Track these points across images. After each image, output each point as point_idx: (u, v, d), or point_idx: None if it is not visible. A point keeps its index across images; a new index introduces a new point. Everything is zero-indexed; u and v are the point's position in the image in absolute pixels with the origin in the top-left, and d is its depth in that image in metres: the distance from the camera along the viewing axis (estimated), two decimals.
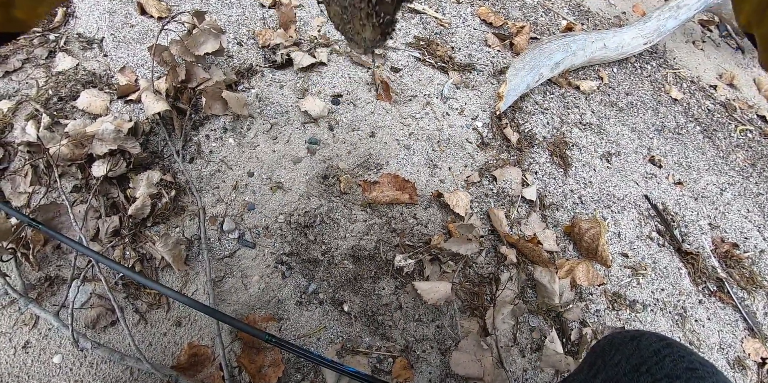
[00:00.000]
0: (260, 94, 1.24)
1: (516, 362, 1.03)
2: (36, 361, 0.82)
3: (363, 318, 1.00)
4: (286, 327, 0.96)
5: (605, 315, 1.17)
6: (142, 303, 0.91)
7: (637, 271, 1.28)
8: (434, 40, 1.61)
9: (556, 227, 1.29)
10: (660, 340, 0.60)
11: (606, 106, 1.73)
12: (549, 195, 1.35)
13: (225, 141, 1.14)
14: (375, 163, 1.21)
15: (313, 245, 1.05)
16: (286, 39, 1.37)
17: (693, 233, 1.46)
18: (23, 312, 0.85)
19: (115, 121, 1.03)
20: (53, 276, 0.90)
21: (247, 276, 0.99)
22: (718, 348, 1.24)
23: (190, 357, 0.87)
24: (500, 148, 1.39)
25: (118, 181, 1.01)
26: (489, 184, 1.29)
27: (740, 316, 1.33)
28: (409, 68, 1.46)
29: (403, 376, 0.96)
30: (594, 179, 1.45)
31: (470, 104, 1.44)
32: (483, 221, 1.21)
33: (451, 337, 1.02)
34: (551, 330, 1.09)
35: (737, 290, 1.38)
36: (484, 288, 1.10)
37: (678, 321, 1.24)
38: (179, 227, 1.01)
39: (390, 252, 1.09)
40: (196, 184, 1.06)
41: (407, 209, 1.16)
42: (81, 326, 0.86)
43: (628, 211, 1.42)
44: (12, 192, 0.94)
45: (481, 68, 1.59)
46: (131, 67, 1.20)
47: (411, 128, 1.31)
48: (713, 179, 1.68)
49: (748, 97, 2.18)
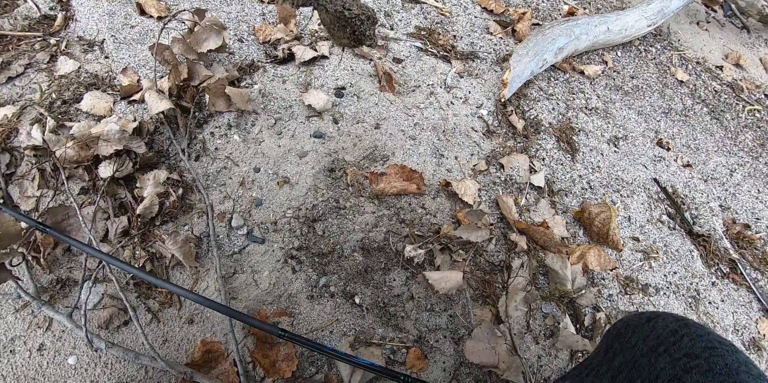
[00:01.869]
0: (263, 89, 1.21)
1: (530, 349, 1.01)
2: (51, 363, 0.81)
3: (375, 309, 0.98)
4: (299, 321, 0.94)
5: (618, 299, 1.14)
6: (154, 303, 0.89)
7: (648, 255, 1.25)
8: (436, 29, 1.56)
9: (566, 213, 1.25)
10: (677, 320, 0.57)
11: (611, 90, 1.68)
12: (557, 181, 1.31)
13: (230, 137, 1.11)
14: (381, 155, 1.18)
15: (323, 239, 1.03)
16: (286, 33, 1.34)
17: (704, 215, 1.42)
18: (36, 314, 0.83)
19: (119, 122, 1.01)
20: (65, 278, 0.88)
21: (257, 271, 0.97)
22: (732, 330, 1.21)
23: (204, 353, 0.86)
24: (506, 135, 1.35)
25: (125, 182, 0.99)
26: (496, 171, 1.26)
27: (754, 297, 1.29)
28: (412, 58, 1.42)
29: (418, 366, 0.94)
30: (602, 164, 1.41)
31: (474, 92, 1.40)
32: (492, 209, 1.18)
33: (464, 326, 1.00)
34: (564, 316, 1.06)
35: (750, 271, 1.34)
36: (495, 276, 1.08)
37: (691, 303, 1.21)
38: (188, 225, 0.99)
39: (400, 243, 1.06)
40: (203, 182, 1.04)
41: (415, 199, 1.13)
42: (94, 327, 0.85)
43: (637, 195, 1.38)
44: (20, 196, 0.93)
45: (484, 56, 1.54)
46: (133, 67, 1.18)
47: (416, 118, 1.27)
48: (722, 160, 1.63)
49: (755, 77, 2.11)
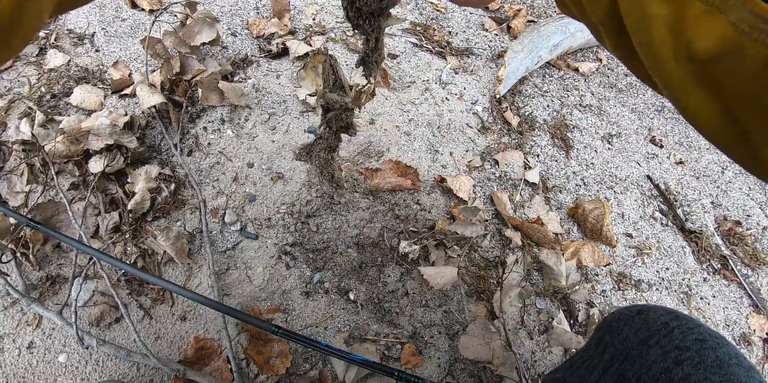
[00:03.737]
0: (257, 84, 1.18)
1: (524, 344, 1.00)
2: (41, 361, 0.78)
3: (369, 305, 0.96)
4: (293, 317, 0.92)
5: (612, 295, 1.13)
6: (146, 299, 0.87)
7: (641, 251, 1.23)
8: (431, 25, 1.54)
9: (560, 209, 1.24)
10: (667, 313, 0.56)
11: (605, 87, 1.66)
12: (551, 177, 1.30)
13: (223, 132, 1.09)
14: (376, 150, 1.16)
15: (317, 235, 1.01)
16: (280, 28, 1.31)
17: (696, 212, 1.41)
18: (26, 312, 0.81)
19: (110, 116, 0.98)
20: (54, 275, 0.85)
21: (250, 267, 0.95)
22: (723, 325, 1.20)
23: (197, 350, 0.83)
24: (501, 131, 1.33)
25: (116, 177, 0.96)
26: (491, 168, 1.24)
27: (745, 293, 1.29)
28: (407, 54, 1.40)
29: (412, 362, 0.92)
30: (596, 160, 1.40)
31: (469, 89, 1.38)
32: (486, 205, 1.16)
33: (458, 322, 0.98)
34: (558, 312, 1.05)
35: (741, 267, 1.33)
36: (490, 271, 1.06)
37: (683, 299, 1.20)
38: (180, 221, 0.96)
39: (394, 239, 1.04)
40: (196, 177, 1.02)
41: (410, 195, 1.11)
42: (85, 324, 0.82)
43: (630, 192, 1.36)
44: (9, 192, 0.90)
45: (479, 52, 1.52)
46: (124, 61, 1.14)
47: (411, 114, 1.25)
48: (714, 158, 1.62)
49: None
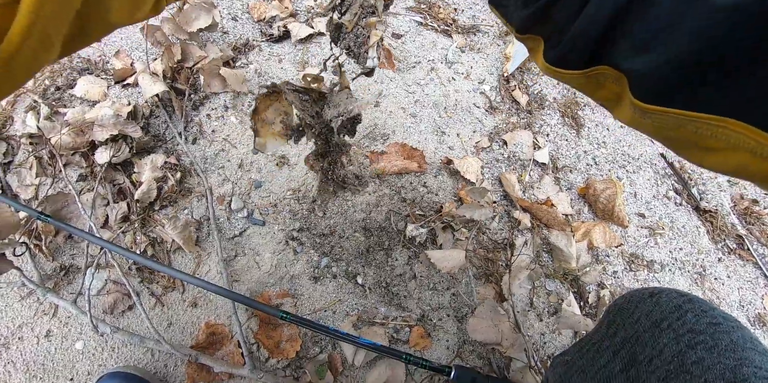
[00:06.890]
0: (259, 69, 1.14)
1: (534, 326, 0.98)
2: (59, 349, 0.79)
3: (377, 289, 0.94)
4: (301, 302, 0.91)
5: (623, 276, 1.09)
6: (157, 287, 0.87)
7: (654, 231, 1.19)
8: (436, 2, 1.46)
9: (570, 189, 1.19)
10: (680, 296, 0.53)
11: None
12: (561, 157, 1.24)
13: (227, 119, 1.06)
14: (381, 133, 1.12)
15: (323, 220, 0.99)
16: (281, 11, 1.26)
17: (711, 191, 1.34)
18: (42, 302, 0.81)
19: (113, 106, 0.96)
20: (68, 265, 0.85)
21: (258, 254, 0.94)
22: (738, 306, 1.16)
23: (208, 336, 0.83)
24: (509, 111, 1.28)
25: (122, 167, 0.94)
26: (499, 148, 1.19)
27: (761, 273, 1.23)
28: (411, 33, 1.33)
29: (421, 345, 0.91)
30: (607, 139, 1.33)
31: (476, 68, 1.32)
32: (495, 186, 1.12)
33: (467, 304, 0.96)
34: (568, 294, 1.02)
35: (758, 246, 1.27)
36: (498, 254, 1.03)
37: (697, 279, 1.16)
38: (187, 209, 0.95)
39: (401, 223, 1.02)
40: (201, 165, 1.00)
41: (417, 178, 1.08)
42: (99, 312, 0.82)
43: (643, 171, 1.30)
44: (19, 185, 0.89)
45: (486, 30, 1.44)
46: (126, 50, 1.11)
47: (416, 95, 1.20)
48: None
49: None
